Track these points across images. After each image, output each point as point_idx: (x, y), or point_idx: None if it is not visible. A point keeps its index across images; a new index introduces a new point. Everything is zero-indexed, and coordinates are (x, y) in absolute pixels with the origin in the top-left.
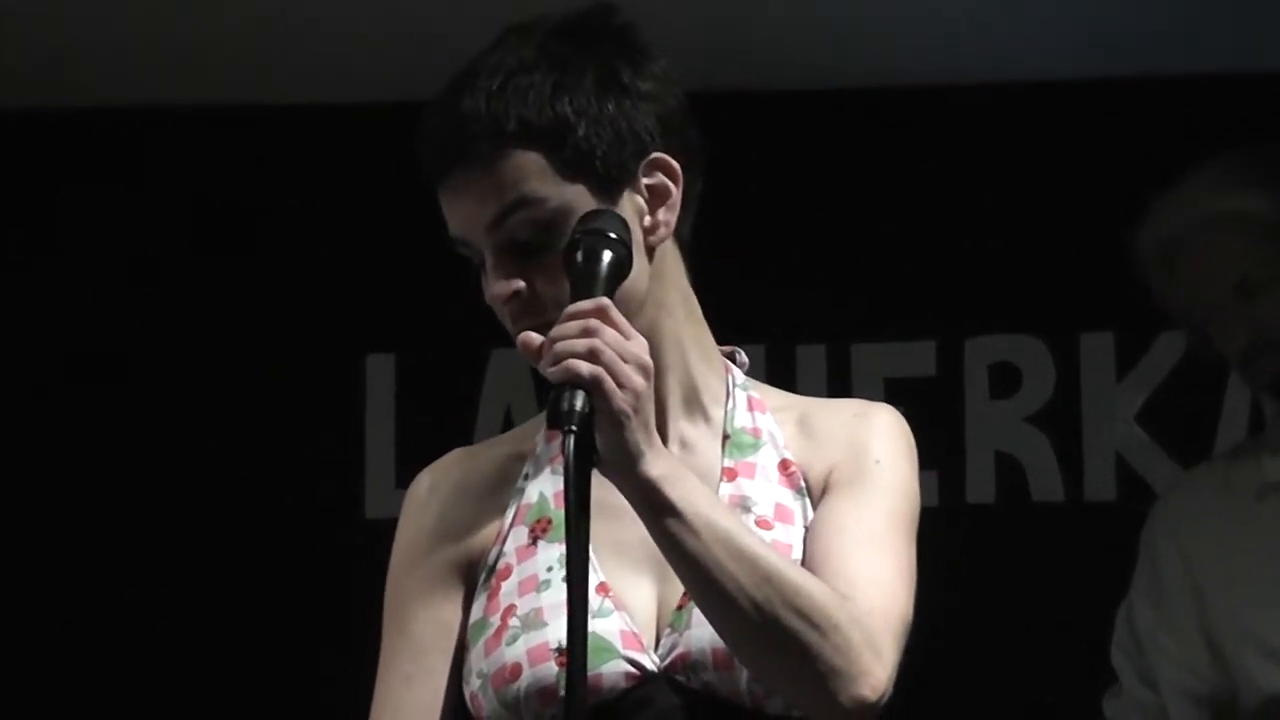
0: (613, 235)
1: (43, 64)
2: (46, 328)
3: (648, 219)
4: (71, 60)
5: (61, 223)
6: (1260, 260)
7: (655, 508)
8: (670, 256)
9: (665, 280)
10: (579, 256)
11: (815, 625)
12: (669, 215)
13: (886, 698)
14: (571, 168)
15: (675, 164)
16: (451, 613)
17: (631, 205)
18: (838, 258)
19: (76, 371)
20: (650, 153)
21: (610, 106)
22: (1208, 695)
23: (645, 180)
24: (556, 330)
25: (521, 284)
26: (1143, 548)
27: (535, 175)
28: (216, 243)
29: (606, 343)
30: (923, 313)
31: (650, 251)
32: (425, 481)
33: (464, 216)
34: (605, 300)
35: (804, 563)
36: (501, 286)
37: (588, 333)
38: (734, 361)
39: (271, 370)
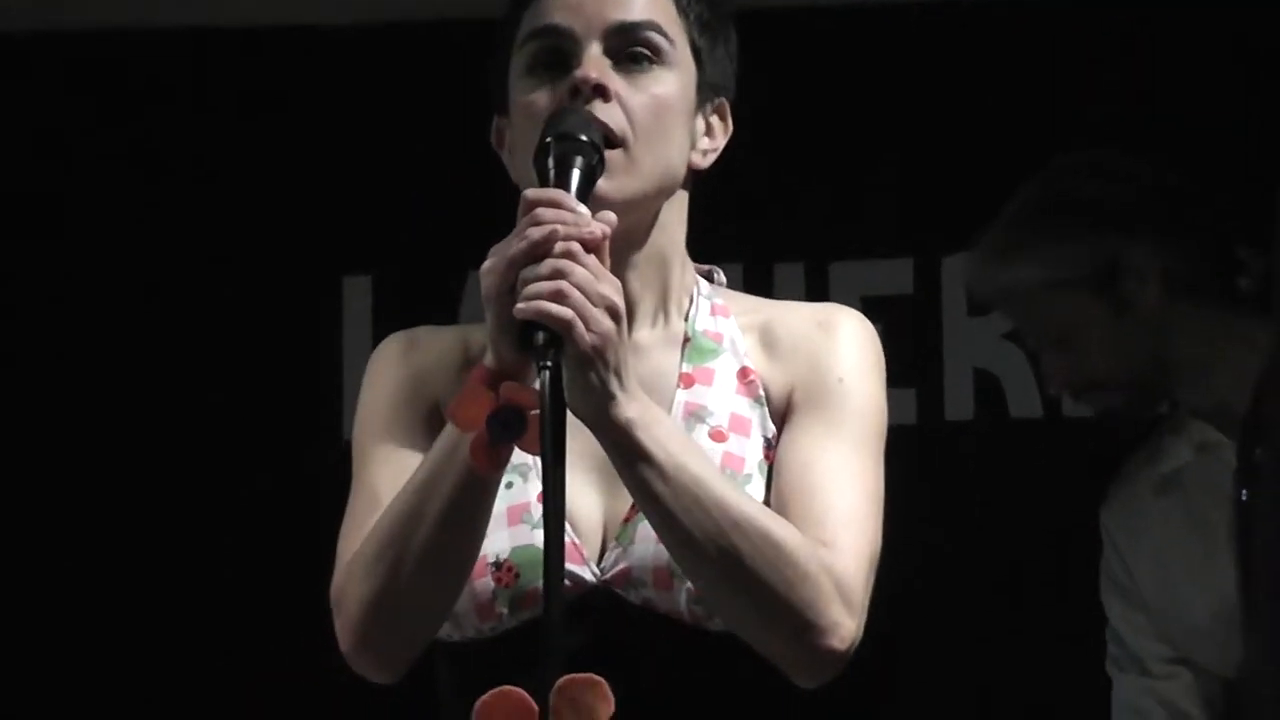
0: (583, 138)
1: None
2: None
3: (704, 140)
4: None
5: (45, 144)
6: (1048, 321)
7: (625, 452)
8: (687, 195)
9: (681, 209)
10: (550, 164)
11: (784, 576)
12: (714, 152)
13: (856, 645)
14: (694, 52)
15: (730, 118)
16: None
17: (699, 122)
18: (815, 176)
19: (44, 299)
20: (723, 97)
21: (723, 47)
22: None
23: (712, 115)
24: (527, 271)
25: (611, 87)
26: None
27: (673, 21)
28: (192, 165)
29: (576, 283)
30: (900, 230)
31: (689, 175)
32: (400, 341)
33: (591, 7)
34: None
35: (772, 498)
36: (599, 70)
37: (557, 274)
38: (709, 279)
39: (248, 293)
